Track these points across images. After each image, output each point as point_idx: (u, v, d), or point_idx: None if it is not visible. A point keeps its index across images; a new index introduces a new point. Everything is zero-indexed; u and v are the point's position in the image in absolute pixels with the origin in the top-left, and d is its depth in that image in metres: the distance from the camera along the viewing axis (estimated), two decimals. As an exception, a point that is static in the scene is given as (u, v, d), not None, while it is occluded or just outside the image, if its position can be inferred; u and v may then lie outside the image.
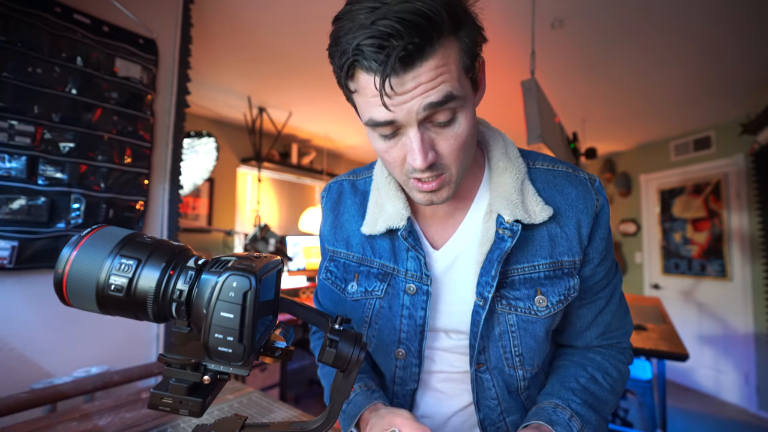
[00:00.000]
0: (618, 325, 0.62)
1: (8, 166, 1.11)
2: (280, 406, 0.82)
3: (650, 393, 1.84)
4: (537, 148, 1.47)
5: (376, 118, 0.44)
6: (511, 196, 0.53)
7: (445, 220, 0.59)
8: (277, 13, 1.84)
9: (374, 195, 0.62)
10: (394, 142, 0.46)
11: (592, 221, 0.55)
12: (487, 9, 2.02)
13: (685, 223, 3.53)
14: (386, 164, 0.50)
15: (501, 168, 0.56)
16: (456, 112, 0.44)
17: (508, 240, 0.52)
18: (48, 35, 1.18)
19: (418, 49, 0.39)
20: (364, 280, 0.62)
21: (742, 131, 2.73)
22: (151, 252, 0.35)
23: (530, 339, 0.55)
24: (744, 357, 3.05)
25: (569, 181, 0.56)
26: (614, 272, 0.61)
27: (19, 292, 1.14)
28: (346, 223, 0.65)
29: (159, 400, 0.35)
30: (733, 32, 1.95)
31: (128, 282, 0.33)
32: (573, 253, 0.54)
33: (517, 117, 3.01)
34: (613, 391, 0.58)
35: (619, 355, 0.62)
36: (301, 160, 3.86)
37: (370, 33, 0.38)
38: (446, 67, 0.41)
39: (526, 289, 0.55)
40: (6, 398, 0.84)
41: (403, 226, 0.57)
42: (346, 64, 0.42)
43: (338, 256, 0.65)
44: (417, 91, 0.41)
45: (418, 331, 0.58)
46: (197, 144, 3.06)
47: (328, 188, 0.71)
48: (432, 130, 0.45)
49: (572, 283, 0.55)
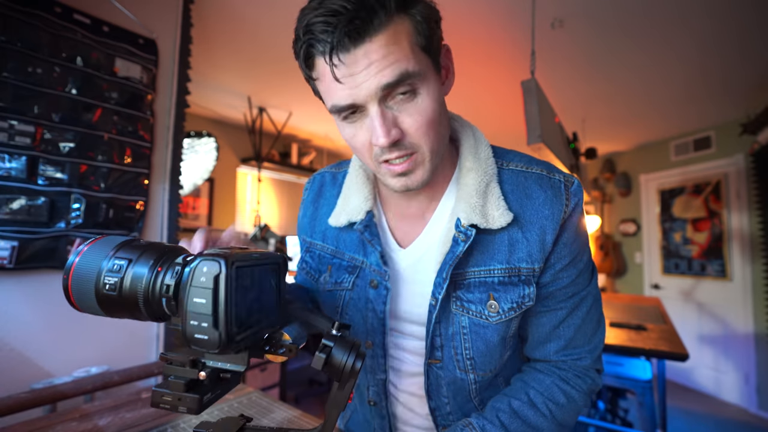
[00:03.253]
0: (583, 341, 0.57)
1: (8, 166, 1.11)
2: (280, 406, 0.82)
3: (650, 393, 1.84)
4: (537, 148, 1.47)
5: (337, 103, 0.45)
6: (471, 199, 0.52)
7: (415, 221, 0.59)
8: (277, 13, 1.84)
9: (345, 188, 0.63)
10: (359, 125, 0.47)
11: (558, 227, 0.52)
12: (487, 9, 2.02)
13: (685, 223, 3.53)
14: (356, 152, 0.51)
15: (467, 168, 0.55)
16: (416, 89, 0.44)
17: (461, 244, 0.51)
18: (48, 35, 1.18)
19: (364, 23, 0.40)
20: (336, 271, 0.63)
21: (742, 131, 2.73)
22: (142, 252, 0.36)
23: (481, 343, 0.54)
24: (744, 357, 3.05)
25: (540, 184, 0.53)
26: (584, 284, 0.56)
27: (19, 292, 1.14)
28: (323, 216, 0.66)
29: (160, 398, 0.35)
30: (733, 32, 1.95)
31: (119, 280, 0.35)
32: (532, 261, 0.52)
33: (517, 117, 3.02)
34: (554, 419, 0.53)
35: (576, 379, 0.56)
36: (301, 160, 3.86)
37: (318, 12, 0.41)
38: (397, 45, 0.42)
39: (479, 292, 0.54)
40: (6, 398, 0.84)
41: (360, 219, 0.57)
42: (302, 49, 0.44)
43: (314, 247, 0.67)
44: (371, 69, 0.42)
45: (380, 324, 0.58)
46: (197, 144, 3.06)
47: (312, 180, 0.72)
48: (394, 107, 0.45)
49: (527, 291, 0.53)
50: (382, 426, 0.66)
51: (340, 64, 0.42)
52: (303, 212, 0.71)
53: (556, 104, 2.81)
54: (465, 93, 2.70)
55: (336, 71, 0.42)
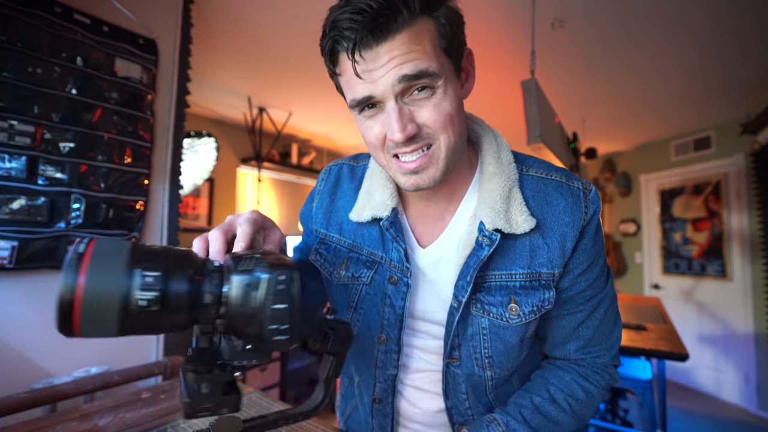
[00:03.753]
0: (601, 340, 0.59)
1: (8, 166, 1.11)
2: (280, 406, 0.82)
3: (650, 393, 1.84)
4: (537, 148, 1.47)
5: (356, 96, 0.46)
6: (495, 203, 0.53)
7: (434, 221, 0.60)
8: (277, 13, 1.84)
9: (366, 183, 0.63)
10: (375, 120, 0.48)
11: (577, 234, 0.53)
12: (487, 9, 2.02)
13: (685, 223, 3.53)
14: (369, 146, 0.52)
15: (490, 173, 0.55)
16: (434, 87, 0.46)
17: (486, 248, 0.52)
18: (48, 35, 1.18)
19: (388, 21, 0.42)
20: (353, 266, 0.63)
21: (742, 131, 2.73)
22: (163, 261, 0.34)
23: (500, 344, 0.56)
24: (744, 357, 3.05)
25: (560, 191, 0.55)
26: (601, 286, 0.58)
27: (19, 292, 1.14)
28: (341, 208, 0.66)
29: (197, 408, 0.36)
30: (733, 32, 1.95)
31: (160, 295, 0.32)
32: (553, 266, 0.54)
33: (517, 117, 3.02)
34: (574, 414, 0.56)
35: (594, 375, 0.59)
36: (301, 160, 3.86)
37: (345, 10, 0.42)
38: (419, 44, 0.43)
39: (500, 295, 0.55)
40: (6, 398, 0.84)
41: (386, 216, 0.58)
42: (328, 45, 0.46)
43: (330, 240, 0.66)
44: (391, 64, 0.43)
45: (398, 319, 0.59)
46: (197, 144, 3.06)
47: (328, 170, 0.71)
48: (411, 103, 0.46)
49: (547, 296, 0.54)
50: (382, 425, 0.66)
51: (361, 60, 0.44)
52: (318, 203, 0.69)
53: (556, 104, 2.81)
54: (465, 93, 2.70)
55: (357, 67, 0.44)
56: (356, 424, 0.72)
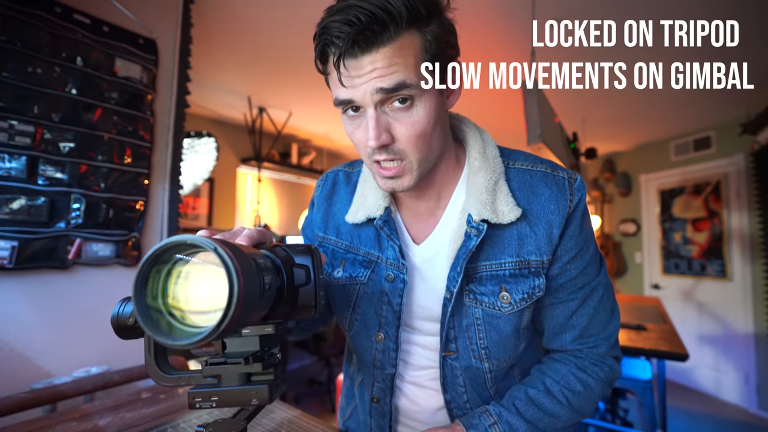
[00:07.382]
0: (597, 329, 0.59)
1: (8, 166, 1.11)
2: (280, 406, 0.82)
3: (650, 393, 1.84)
4: (537, 148, 1.47)
5: (338, 97, 0.49)
6: (481, 195, 0.55)
7: (426, 218, 0.61)
8: (277, 13, 1.84)
9: (361, 186, 0.65)
10: (358, 123, 0.50)
11: (563, 221, 0.55)
12: (487, 9, 2.01)
13: (685, 223, 3.53)
14: (356, 147, 0.54)
15: (476, 168, 0.57)
16: (413, 101, 0.47)
17: (474, 239, 0.54)
18: (48, 35, 1.18)
19: (374, 35, 0.44)
20: (350, 266, 0.64)
21: (742, 131, 2.72)
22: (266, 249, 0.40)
23: (495, 333, 0.57)
24: (744, 357, 3.05)
25: (545, 181, 0.56)
26: (593, 274, 0.59)
27: (19, 292, 1.14)
28: (338, 212, 0.68)
29: (249, 397, 0.36)
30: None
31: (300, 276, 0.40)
32: (541, 253, 0.55)
33: (517, 117, 3.01)
34: (571, 406, 0.56)
35: (593, 367, 0.59)
36: (301, 160, 3.86)
37: (336, 18, 0.44)
38: (402, 58, 0.45)
39: (491, 285, 0.56)
40: (6, 398, 0.84)
41: (380, 215, 0.59)
42: (319, 45, 0.48)
43: (328, 242, 0.68)
44: (372, 74, 0.45)
45: (395, 317, 0.60)
46: (197, 144, 3.06)
47: (325, 177, 0.74)
48: (390, 114, 0.48)
49: (537, 282, 0.56)
50: (380, 425, 0.66)
51: (344, 69, 0.46)
52: (316, 208, 0.72)
53: (556, 104, 2.80)
54: (465, 93, 2.69)
55: (341, 75, 0.46)
56: (355, 424, 0.72)
